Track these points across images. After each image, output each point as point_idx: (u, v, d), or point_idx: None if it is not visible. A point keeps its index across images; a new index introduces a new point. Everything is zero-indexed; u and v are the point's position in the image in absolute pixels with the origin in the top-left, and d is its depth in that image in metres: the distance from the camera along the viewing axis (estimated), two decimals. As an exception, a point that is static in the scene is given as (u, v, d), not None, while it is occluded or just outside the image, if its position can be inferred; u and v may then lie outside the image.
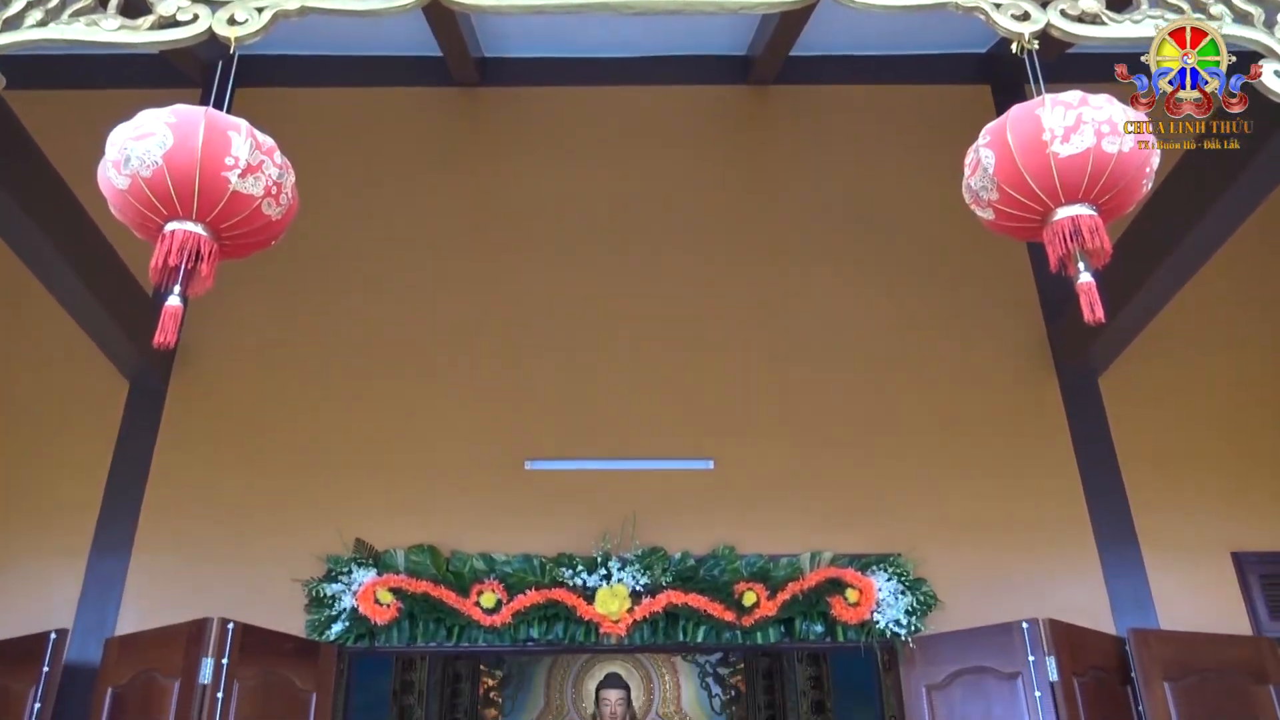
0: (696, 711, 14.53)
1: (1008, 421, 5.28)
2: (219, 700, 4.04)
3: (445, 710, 12.14)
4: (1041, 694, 4.23)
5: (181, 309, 2.62)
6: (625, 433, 5.21)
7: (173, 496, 4.99)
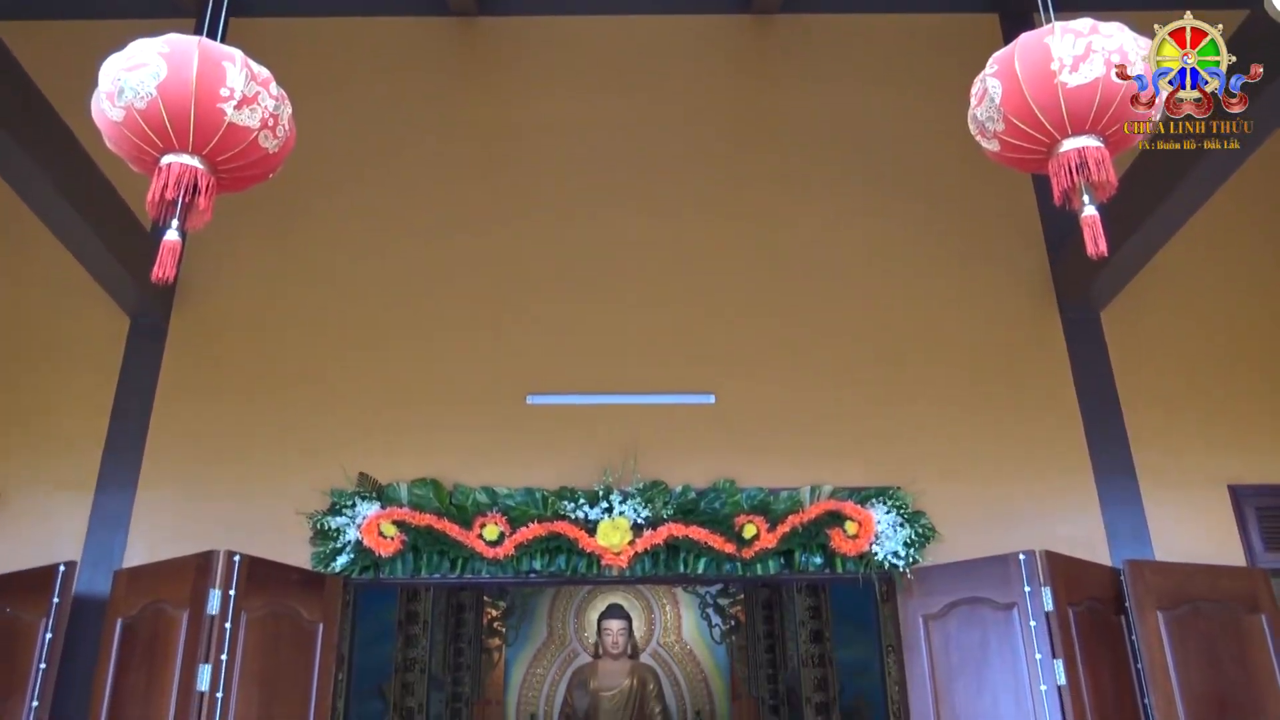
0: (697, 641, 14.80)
1: (1009, 356, 5.29)
2: (227, 630, 4.11)
3: (450, 640, 12.36)
4: (1036, 623, 4.29)
5: (180, 243, 2.60)
6: (626, 367, 5.22)
7: (176, 431, 5.01)
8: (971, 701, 4.35)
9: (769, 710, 12.60)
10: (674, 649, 14.46)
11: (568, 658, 14.48)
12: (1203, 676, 4.39)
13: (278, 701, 4.22)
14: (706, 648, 14.71)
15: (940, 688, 4.42)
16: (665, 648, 14.46)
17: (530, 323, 5.33)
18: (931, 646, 4.51)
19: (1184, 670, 4.37)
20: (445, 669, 12.29)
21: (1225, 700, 4.37)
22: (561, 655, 14.36)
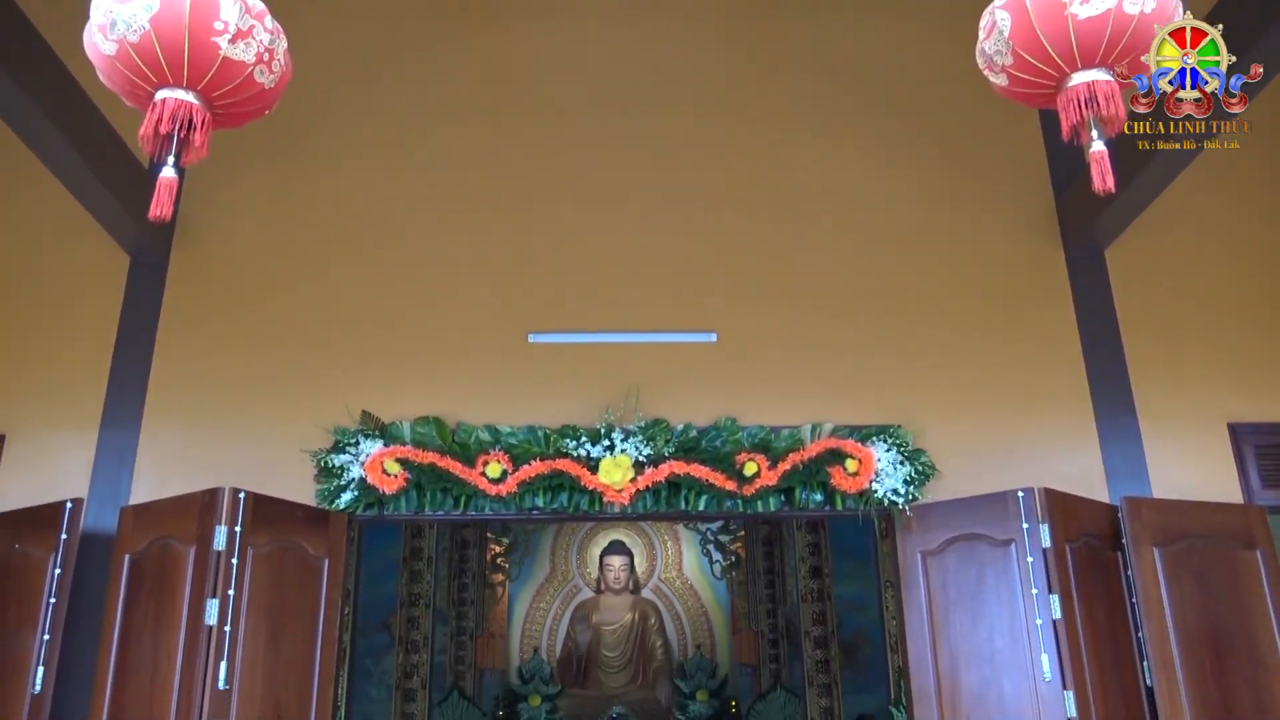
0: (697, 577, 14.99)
1: (1012, 293, 5.27)
2: (234, 566, 4.17)
3: (454, 576, 12.54)
4: (1034, 559, 4.34)
5: (176, 180, 2.58)
6: (628, 305, 5.20)
7: (179, 370, 5.02)
8: (968, 635, 4.42)
9: (768, 644, 12.81)
10: (675, 584, 14.66)
11: (570, 593, 14.69)
12: (1196, 611, 4.45)
13: (285, 635, 4.29)
14: (707, 583, 14.91)
15: (937, 622, 4.49)
16: (666, 583, 14.66)
17: (532, 262, 5.31)
18: (929, 582, 4.57)
19: (1178, 605, 4.43)
20: (450, 604, 12.48)
21: (1218, 634, 4.44)
22: (564, 590, 14.57)
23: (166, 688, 4.04)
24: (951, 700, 4.38)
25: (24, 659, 4.25)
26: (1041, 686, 4.20)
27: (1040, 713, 4.18)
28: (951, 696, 4.38)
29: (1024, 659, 4.28)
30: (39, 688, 4.18)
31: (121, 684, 4.15)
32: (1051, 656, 4.22)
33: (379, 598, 11.24)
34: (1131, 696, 4.35)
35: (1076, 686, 4.16)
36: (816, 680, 10.00)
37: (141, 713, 4.06)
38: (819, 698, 9.93)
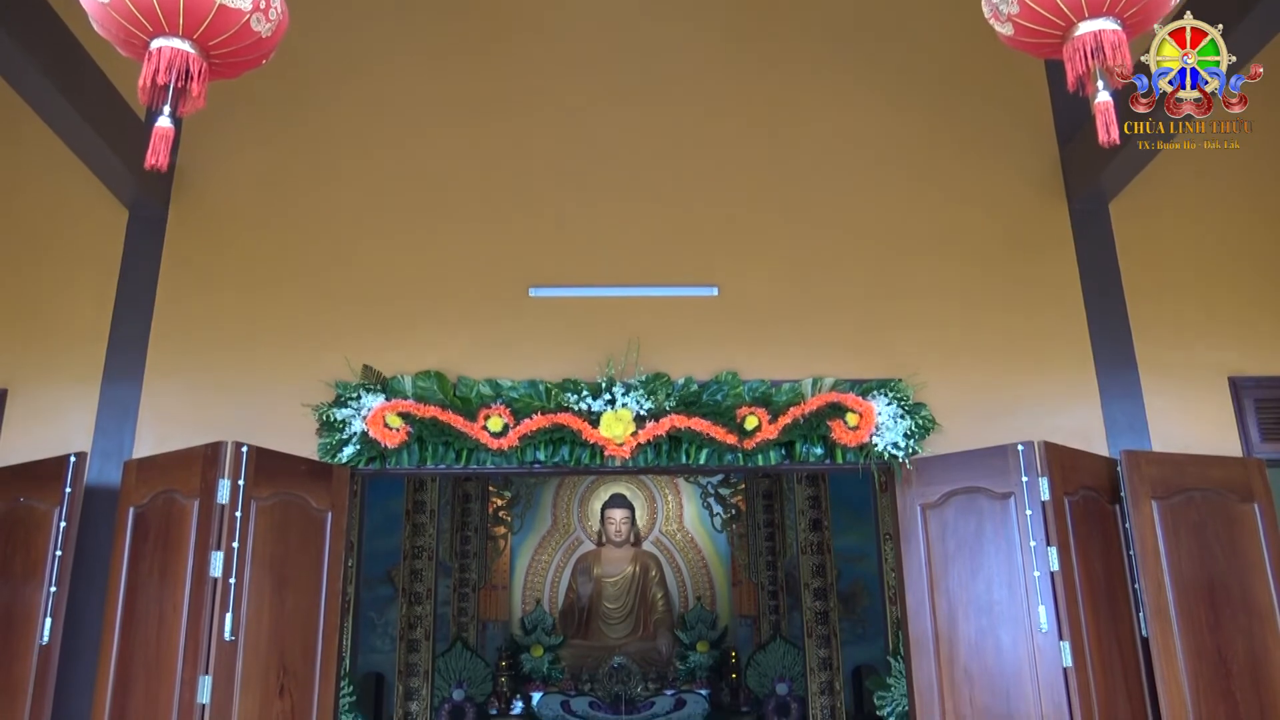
0: (698, 530, 15.12)
1: (1015, 246, 5.25)
2: (237, 519, 4.19)
3: (456, 528, 12.65)
4: (1032, 512, 4.37)
5: (173, 131, 2.55)
6: (630, 259, 5.18)
7: (180, 323, 5.02)
8: (966, 587, 4.46)
9: (768, 595, 12.96)
10: (676, 537, 14.79)
11: (572, 545, 14.82)
12: (1193, 563, 4.49)
13: (289, 587, 4.34)
14: (708, 536, 15.04)
15: (936, 574, 4.53)
16: (667, 535, 14.78)
17: (533, 215, 5.28)
18: (928, 534, 4.60)
19: (1175, 557, 4.47)
20: (452, 556, 12.60)
21: (1214, 585, 4.48)
22: (566, 543, 14.70)
23: (173, 639, 4.09)
24: (949, 650, 4.43)
25: (31, 610, 4.30)
26: (1038, 637, 4.25)
27: (1037, 663, 4.23)
28: (949, 647, 4.43)
29: (1021, 610, 4.32)
30: (46, 639, 4.22)
31: (128, 635, 4.20)
32: (1049, 607, 4.26)
33: (382, 550, 11.36)
34: (1127, 647, 4.40)
35: (1073, 637, 4.21)
36: (815, 631, 10.13)
37: (149, 663, 4.11)
38: (818, 648, 10.06)
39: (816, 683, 9.99)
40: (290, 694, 4.24)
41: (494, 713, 11.86)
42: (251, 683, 4.12)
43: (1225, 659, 4.38)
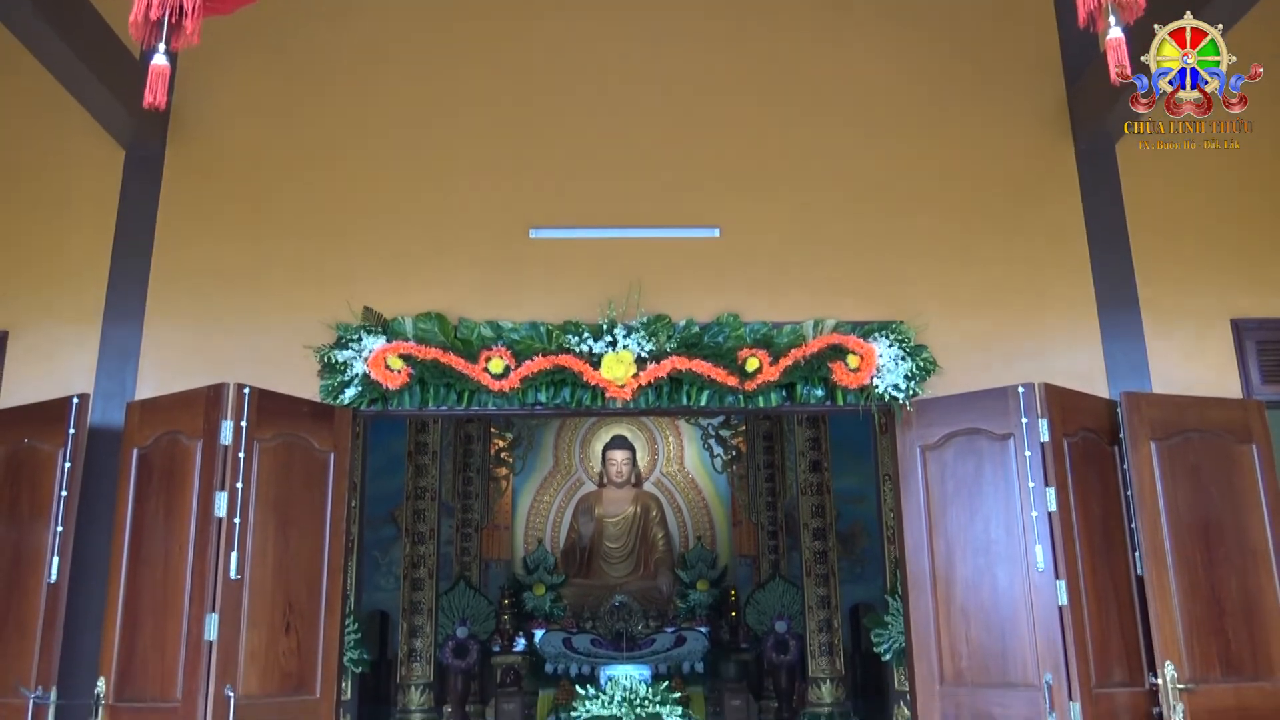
0: (699, 470, 15.20)
1: (1019, 187, 5.20)
2: (241, 460, 4.22)
3: (458, 469, 12.73)
4: (1031, 453, 4.39)
5: (168, 68, 2.52)
6: (631, 201, 5.15)
7: (179, 264, 5.00)
8: (964, 527, 4.50)
9: (767, 535, 13.09)
10: (676, 478, 14.89)
11: (573, 486, 14.92)
12: (1190, 503, 4.52)
13: (293, 527, 4.38)
14: (708, 477, 15.13)
15: (934, 514, 4.57)
16: (668, 476, 14.89)
17: (534, 156, 5.23)
18: (928, 475, 4.63)
19: (1172, 497, 4.50)
20: (455, 497, 12.70)
21: (1209, 525, 4.52)
22: (567, 484, 14.80)
23: (179, 577, 4.14)
24: (946, 589, 4.48)
25: (39, 549, 4.35)
26: (1035, 576, 4.30)
27: (1032, 601, 4.29)
28: (946, 586, 4.49)
29: (1018, 550, 4.37)
30: (54, 577, 4.28)
31: (135, 574, 4.25)
32: (1045, 547, 4.30)
33: (385, 491, 11.44)
34: (1122, 585, 4.45)
35: (1069, 576, 4.26)
36: (814, 571, 10.23)
37: (156, 601, 4.17)
38: (816, 587, 10.18)
39: (815, 621, 10.12)
40: (296, 631, 4.31)
41: (497, 650, 12.05)
42: (258, 620, 4.18)
43: (1219, 597, 4.44)
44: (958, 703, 4.36)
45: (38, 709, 4.11)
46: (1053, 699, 4.14)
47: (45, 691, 4.13)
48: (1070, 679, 4.14)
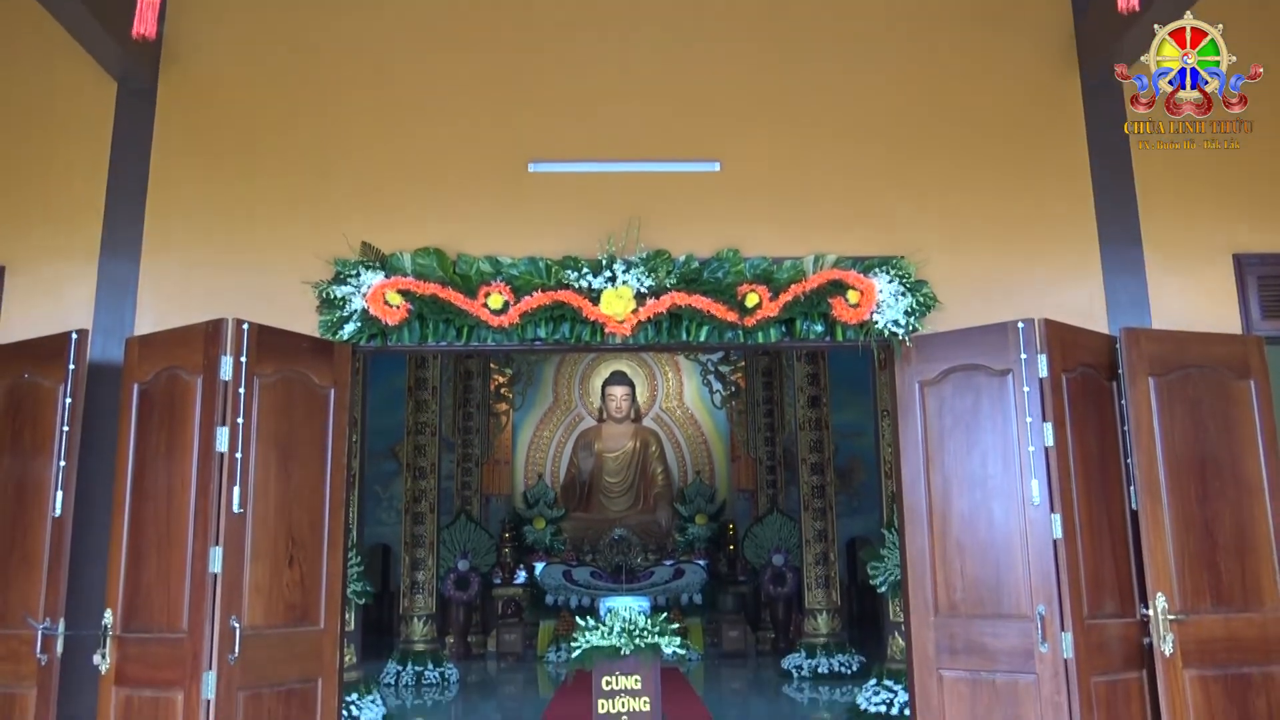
0: (698, 406, 15.30)
1: (1023, 121, 5.14)
2: (241, 395, 4.23)
3: (458, 405, 12.82)
4: (1030, 389, 4.41)
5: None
6: (631, 134, 5.09)
7: (176, 199, 4.96)
8: (961, 462, 4.53)
9: (766, 470, 13.24)
10: (676, 413, 15.00)
11: (573, 421, 15.04)
12: (1186, 438, 4.55)
13: (295, 462, 4.41)
14: (707, 412, 15.23)
15: (932, 449, 4.60)
16: (667, 412, 14.99)
17: (533, 89, 5.16)
18: (926, 411, 4.65)
19: (1169, 432, 4.53)
20: (455, 432, 12.80)
21: (1205, 460, 4.55)
22: (567, 419, 14.92)
23: (182, 511, 4.18)
24: (942, 523, 4.53)
25: (42, 484, 4.38)
26: (1030, 510, 4.34)
27: (1027, 534, 4.34)
28: (942, 520, 4.53)
29: (1014, 484, 4.40)
30: (59, 511, 4.32)
31: (139, 508, 4.29)
32: (1041, 482, 4.34)
33: (386, 426, 11.55)
34: (1116, 519, 4.50)
35: (1064, 510, 4.30)
36: (812, 505, 10.36)
37: (160, 535, 4.21)
38: (813, 521, 10.31)
39: (812, 554, 10.27)
40: (299, 564, 4.36)
41: (498, 582, 12.25)
42: (261, 553, 4.23)
43: (1212, 531, 4.49)
44: (951, 633, 4.44)
45: (46, 639, 4.18)
46: (1045, 629, 4.21)
47: (53, 623, 4.20)
48: (1063, 610, 4.21)
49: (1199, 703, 4.28)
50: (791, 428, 11.69)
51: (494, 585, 12.21)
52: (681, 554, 12.92)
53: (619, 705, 5.77)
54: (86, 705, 4.25)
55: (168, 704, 4.04)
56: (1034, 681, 4.23)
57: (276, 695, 4.22)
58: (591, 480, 14.19)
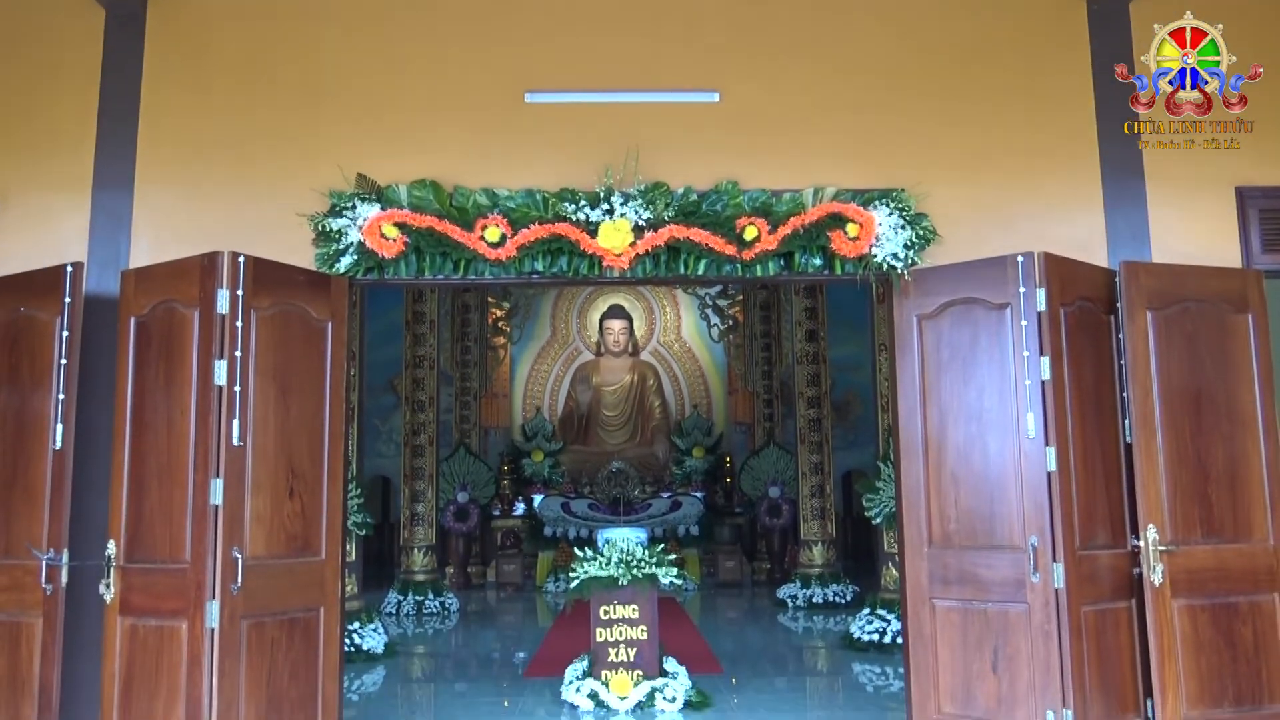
0: (695, 340, 15.32)
1: (1027, 51, 5.05)
2: (239, 329, 4.22)
3: (456, 339, 12.82)
4: (1028, 323, 4.40)
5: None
6: (629, 63, 5.01)
7: (168, 130, 4.89)
8: (957, 396, 4.55)
9: (763, 404, 13.30)
10: (673, 347, 15.02)
11: (571, 355, 15.06)
12: (1182, 372, 4.56)
13: (293, 395, 4.42)
14: (705, 346, 15.25)
15: (929, 383, 4.61)
16: (665, 346, 15.00)
17: (529, 17, 5.06)
18: (923, 345, 4.66)
19: (1165, 366, 4.54)
20: (453, 365, 12.82)
21: (1200, 393, 4.57)
22: (565, 353, 14.94)
23: (182, 444, 4.20)
24: (938, 456, 4.57)
25: (42, 417, 4.39)
26: (1025, 443, 4.37)
27: (1022, 467, 4.37)
28: (938, 453, 4.57)
29: (1010, 417, 4.43)
30: (59, 444, 4.34)
31: (139, 440, 4.31)
32: (1037, 415, 4.36)
33: (384, 360, 11.57)
34: (1110, 452, 4.53)
35: (1058, 443, 4.33)
36: (808, 438, 10.43)
37: (161, 466, 4.24)
38: (810, 454, 10.40)
39: (808, 486, 10.38)
40: (300, 496, 4.40)
41: (497, 514, 12.39)
42: (261, 485, 4.27)
43: (1204, 464, 4.53)
44: (944, 563, 4.50)
45: (50, 570, 4.23)
46: (1037, 560, 4.27)
47: (57, 553, 4.24)
48: (1055, 541, 4.27)
49: (1186, 630, 4.36)
50: (789, 361, 11.71)
51: (493, 517, 12.35)
52: (679, 486, 13.05)
53: (617, 634, 5.87)
54: (92, 634, 4.32)
55: (172, 632, 4.11)
56: (1025, 611, 4.30)
57: (280, 624, 4.29)
58: (589, 413, 14.27)
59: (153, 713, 4.10)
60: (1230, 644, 4.43)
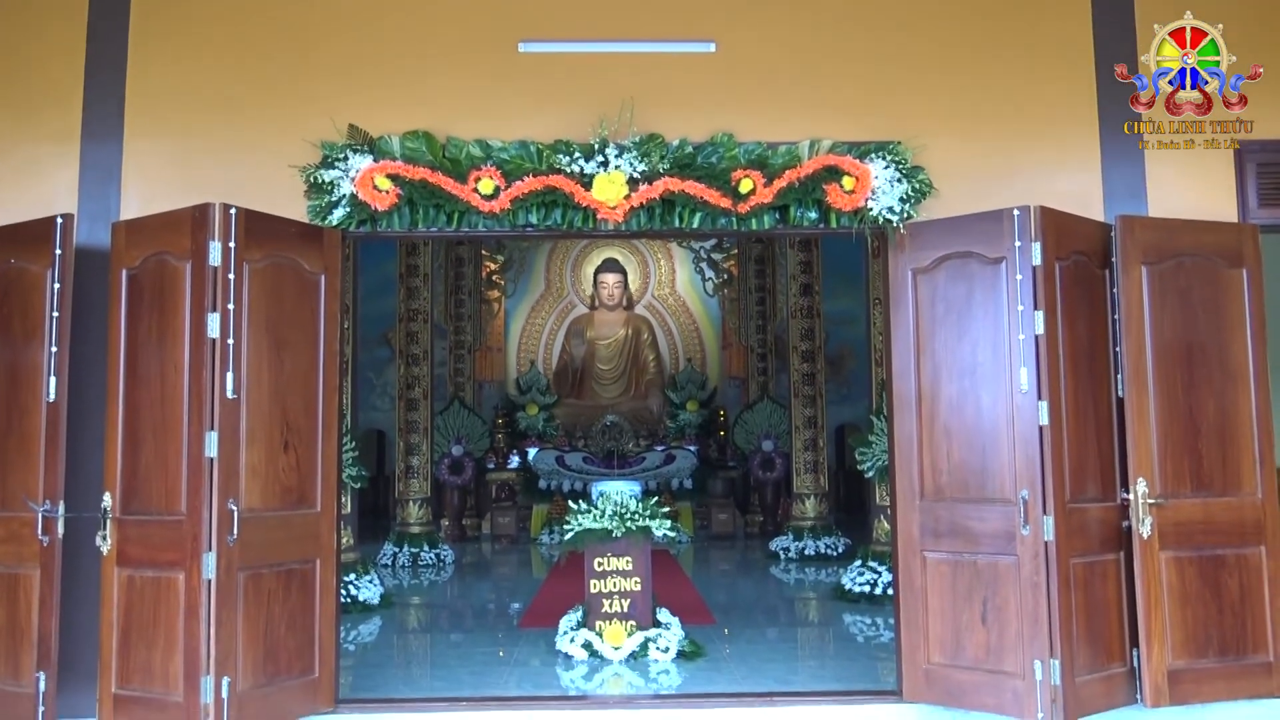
0: (690, 294, 15.29)
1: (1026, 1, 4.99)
2: (231, 281, 4.20)
3: (450, 292, 12.78)
4: (1023, 277, 4.40)
5: None
6: (624, 12, 4.94)
7: (156, 81, 4.82)
8: (951, 350, 4.56)
9: (757, 358, 13.33)
10: (668, 301, 15.00)
11: (565, 308, 15.03)
12: (1175, 326, 4.57)
13: (287, 348, 4.41)
14: (699, 300, 15.23)
15: (923, 336, 4.62)
16: (659, 300, 14.99)
17: (519, -38, 4.98)
18: (918, 298, 4.65)
19: (1158, 321, 4.55)
20: (447, 319, 12.79)
21: (1192, 348, 4.59)
22: (559, 306, 14.92)
23: (177, 396, 4.20)
24: (930, 409, 4.58)
25: (35, 369, 4.38)
26: (1018, 397, 4.39)
27: (1014, 421, 4.39)
28: (931, 406, 4.58)
29: (1003, 372, 4.44)
30: (53, 396, 4.33)
31: (133, 393, 4.31)
32: (1031, 369, 4.37)
33: (378, 313, 11.54)
34: (1102, 406, 4.55)
35: (1051, 397, 4.34)
36: (802, 392, 10.46)
37: (156, 419, 4.24)
38: (803, 408, 10.43)
39: (801, 440, 10.43)
40: (295, 449, 4.41)
41: (492, 467, 12.44)
42: (256, 438, 4.27)
43: (1195, 418, 4.55)
44: (936, 516, 4.54)
45: (47, 521, 4.24)
46: (1027, 513, 4.30)
47: (53, 505, 4.26)
48: (1045, 494, 4.30)
49: (1173, 582, 4.42)
50: (783, 315, 11.71)
51: (488, 470, 12.40)
52: (672, 440, 13.10)
53: (610, 585, 5.93)
54: (89, 585, 4.36)
55: (169, 583, 4.14)
56: (1014, 563, 4.34)
57: (276, 575, 4.33)
58: (584, 367, 14.28)
59: (151, 662, 4.15)
60: (1216, 595, 4.49)
